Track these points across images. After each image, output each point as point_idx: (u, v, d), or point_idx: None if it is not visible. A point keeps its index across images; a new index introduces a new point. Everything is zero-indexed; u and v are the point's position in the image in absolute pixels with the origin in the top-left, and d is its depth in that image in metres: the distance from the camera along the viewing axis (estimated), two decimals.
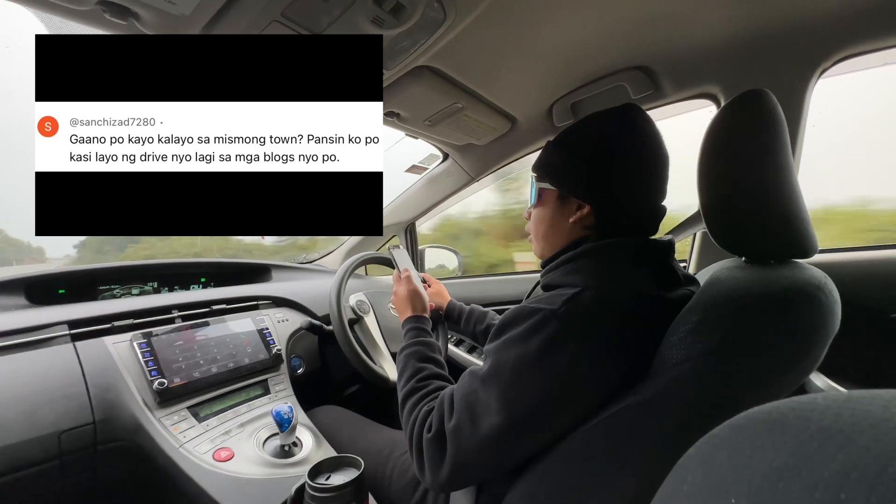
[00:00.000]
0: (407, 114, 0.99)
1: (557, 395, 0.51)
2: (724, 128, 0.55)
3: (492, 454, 0.54)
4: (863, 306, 0.85)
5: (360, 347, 1.01)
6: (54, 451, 0.69)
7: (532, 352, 0.52)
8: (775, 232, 0.52)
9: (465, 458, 0.54)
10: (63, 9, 0.54)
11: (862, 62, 0.84)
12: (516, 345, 0.53)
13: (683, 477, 0.20)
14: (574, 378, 0.51)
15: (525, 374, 0.52)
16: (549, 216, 0.68)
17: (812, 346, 0.47)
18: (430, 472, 0.57)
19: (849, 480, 0.13)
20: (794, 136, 0.86)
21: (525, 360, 0.52)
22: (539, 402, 0.52)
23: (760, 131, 0.51)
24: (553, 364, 0.51)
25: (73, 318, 0.84)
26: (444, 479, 0.56)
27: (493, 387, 0.53)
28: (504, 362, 0.54)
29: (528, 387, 0.52)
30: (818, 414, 0.16)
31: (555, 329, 0.51)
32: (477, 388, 0.55)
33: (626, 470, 0.51)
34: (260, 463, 0.77)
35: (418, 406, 0.64)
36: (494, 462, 0.55)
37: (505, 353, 0.54)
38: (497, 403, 0.52)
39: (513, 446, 0.53)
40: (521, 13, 0.71)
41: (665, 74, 0.92)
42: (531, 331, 0.53)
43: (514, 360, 0.53)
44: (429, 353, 0.75)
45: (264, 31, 0.62)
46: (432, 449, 0.57)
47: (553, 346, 0.51)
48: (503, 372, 0.53)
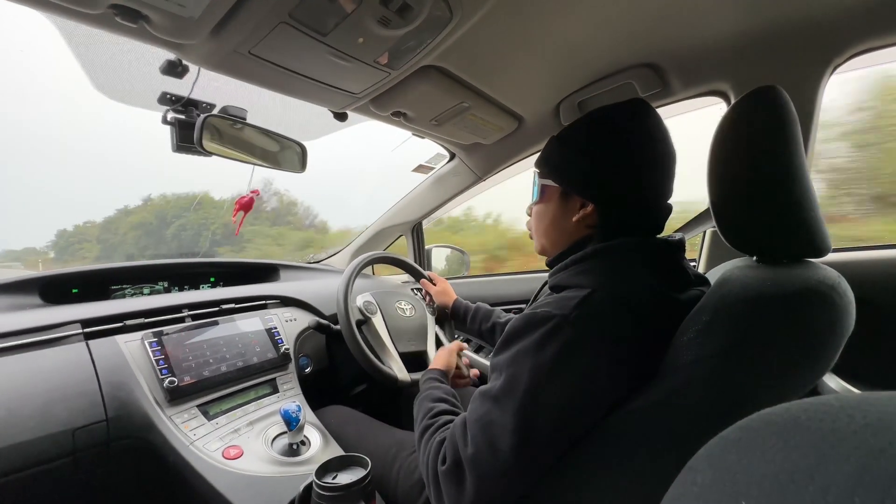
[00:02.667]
0: (413, 113, 1.00)
1: (576, 403, 0.50)
2: (734, 125, 0.54)
3: (515, 476, 0.50)
4: (878, 306, 0.84)
5: (369, 348, 1.02)
6: (68, 448, 0.71)
7: (547, 361, 0.49)
8: (787, 231, 0.51)
9: (488, 486, 0.50)
10: (75, 13, 0.55)
11: (876, 57, 0.82)
12: (529, 356, 0.51)
13: (693, 478, 0.20)
14: (592, 384, 0.50)
15: (541, 386, 0.49)
16: (552, 213, 0.67)
17: (825, 348, 0.46)
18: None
19: (863, 483, 0.13)
20: (806, 133, 0.84)
21: (541, 371, 0.49)
22: (558, 414, 0.49)
23: (772, 128, 0.51)
24: (570, 373, 0.49)
25: (86, 317, 0.86)
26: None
27: (508, 405, 0.50)
28: (518, 376, 0.50)
29: (546, 400, 0.49)
30: (831, 415, 0.16)
31: (569, 335, 0.49)
32: (490, 409, 0.52)
33: (635, 471, 0.50)
34: (268, 461, 0.78)
35: (431, 439, 0.60)
36: (518, 484, 0.51)
37: (518, 367, 0.51)
38: (514, 422, 0.49)
39: (535, 464, 0.51)
40: (528, 11, 0.70)
41: (674, 71, 0.91)
42: (544, 339, 0.50)
43: (528, 372, 0.50)
44: (441, 394, 0.71)
45: (272, 32, 0.63)
46: (449, 482, 0.52)
47: (569, 353, 0.49)
48: (517, 387, 0.50)
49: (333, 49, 0.68)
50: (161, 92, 0.81)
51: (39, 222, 5.15)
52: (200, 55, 0.68)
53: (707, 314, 0.48)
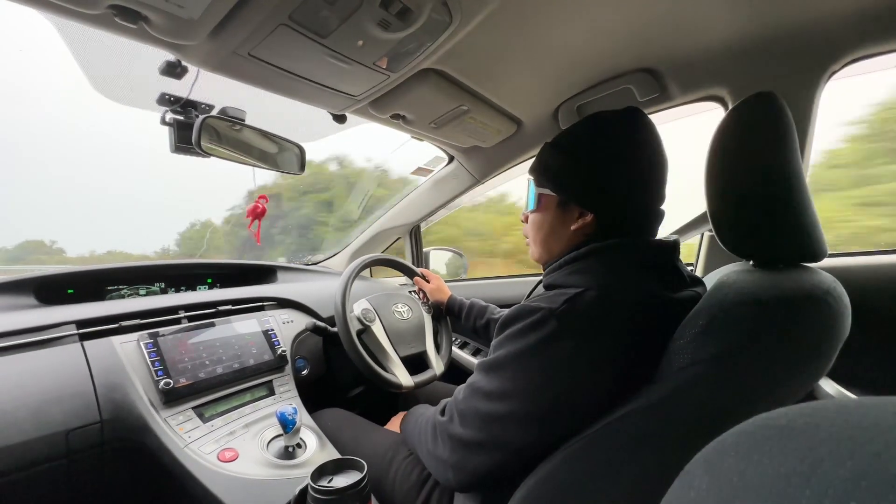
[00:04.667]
0: (412, 116, 1.00)
1: (553, 389, 0.52)
2: (731, 130, 0.55)
3: (484, 439, 0.57)
4: (873, 311, 0.84)
5: (371, 357, 1.02)
6: (62, 450, 0.70)
7: (530, 347, 0.53)
8: (784, 236, 0.51)
9: (465, 436, 0.58)
10: (74, 13, 0.55)
11: (872, 65, 0.83)
12: (516, 340, 0.55)
13: (690, 483, 0.20)
14: (571, 375, 0.51)
15: (522, 367, 0.54)
16: (549, 223, 0.67)
17: (821, 352, 0.46)
18: (443, 446, 0.62)
19: (859, 487, 0.13)
20: (802, 139, 0.85)
21: (523, 354, 0.54)
22: (533, 394, 0.53)
23: (769, 134, 0.51)
24: (550, 360, 0.52)
25: (81, 317, 0.85)
26: (451, 455, 0.60)
27: (492, 377, 0.57)
28: (504, 356, 0.56)
29: (523, 379, 0.54)
30: (827, 420, 0.16)
31: (553, 327, 0.52)
32: (479, 378, 0.60)
33: (630, 474, 0.50)
34: (264, 464, 0.77)
35: (428, 412, 0.70)
36: (486, 448, 0.57)
37: (505, 348, 0.56)
38: (497, 391, 0.56)
39: (506, 432, 0.55)
40: (527, 16, 0.71)
41: (672, 77, 0.92)
42: (530, 328, 0.54)
43: (513, 354, 0.55)
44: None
45: (272, 34, 0.63)
46: (445, 424, 0.62)
47: (551, 343, 0.52)
48: (502, 364, 0.56)
49: (333, 51, 0.68)
50: (160, 93, 0.81)
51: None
52: (200, 56, 0.68)
53: (703, 318, 0.48)
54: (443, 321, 1.24)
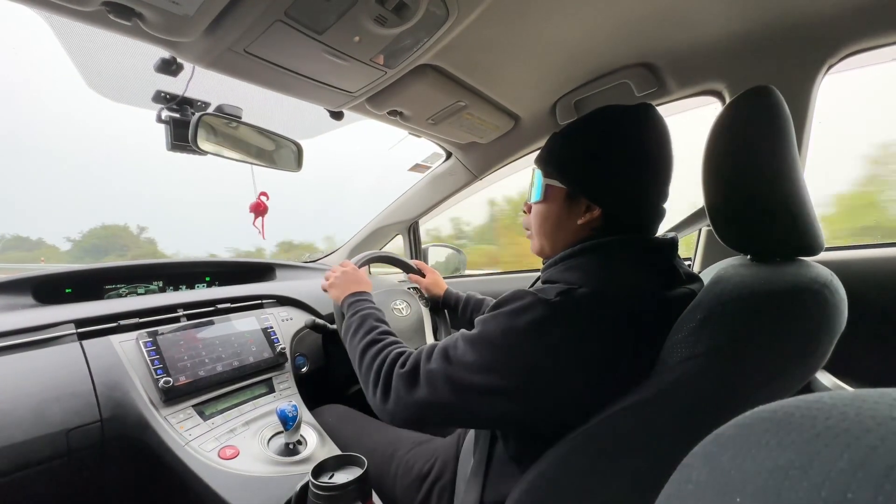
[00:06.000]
0: (410, 112, 0.99)
1: (536, 372, 0.52)
2: (729, 125, 0.54)
3: (453, 406, 0.56)
4: (870, 304, 0.85)
5: None
6: (62, 449, 0.70)
7: (519, 327, 0.53)
8: (781, 230, 0.51)
9: (431, 401, 0.57)
10: (68, 10, 0.55)
11: (870, 58, 0.83)
12: (505, 319, 0.55)
13: (688, 475, 0.20)
14: (556, 362, 0.51)
15: (509, 344, 0.53)
16: (556, 215, 0.65)
17: (818, 345, 0.46)
18: (394, 403, 0.60)
19: (856, 479, 0.13)
20: (800, 132, 0.85)
21: (511, 333, 0.53)
22: (515, 372, 0.52)
23: (766, 128, 0.51)
24: (538, 343, 0.52)
25: (80, 317, 0.85)
26: (404, 413, 0.59)
27: (475, 349, 0.55)
28: (491, 331, 0.55)
29: (508, 355, 0.53)
30: (824, 412, 0.16)
31: (544, 313, 0.52)
32: (459, 344, 0.58)
33: (629, 468, 0.50)
34: (265, 461, 0.77)
35: (386, 349, 0.67)
36: (457, 409, 0.56)
37: (493, 324, 0.55)
38: (478, 363, 0.54)
39: (480, 404, 0.55)
40: (524, 10, 0.70)
41: (669, 71, 0.91)
42: (522, 310, 0.54)
43: (500, 330, 0.54)
44: (384, 319, 0.79)
45: (267, 30, 0.62)
46: (403, 383, 0.59)
47: (540, 327, 0.52)
48: (487, 339, 0.55)
49: (329, 47, 0.68)
50: (155, 90, 0.80)
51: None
52: (195, 53, 0.68)
53: (701, 312, 0.48)
54: (442, 317, 1.25)
